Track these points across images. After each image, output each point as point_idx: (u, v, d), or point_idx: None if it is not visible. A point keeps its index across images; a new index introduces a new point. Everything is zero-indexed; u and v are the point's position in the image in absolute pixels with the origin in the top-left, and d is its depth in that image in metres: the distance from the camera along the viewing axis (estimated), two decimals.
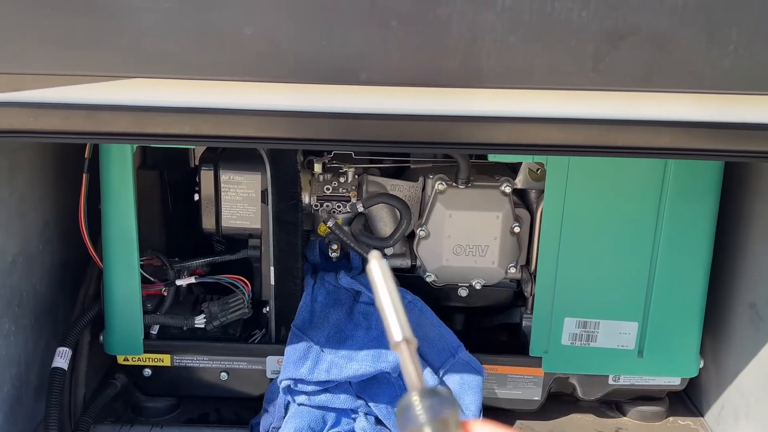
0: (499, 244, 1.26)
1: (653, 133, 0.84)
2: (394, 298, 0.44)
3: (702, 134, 0.84)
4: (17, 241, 1.18)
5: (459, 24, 0.77)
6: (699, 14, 0.76)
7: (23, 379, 1.21)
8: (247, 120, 0.83)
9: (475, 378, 1.24)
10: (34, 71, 0.81)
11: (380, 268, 0.44)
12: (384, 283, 0.44)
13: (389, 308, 0.44)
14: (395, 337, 0.43)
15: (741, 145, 0.85)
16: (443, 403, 0.41)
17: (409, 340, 0.43)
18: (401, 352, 0.43)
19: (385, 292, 0.44)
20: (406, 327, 0.43)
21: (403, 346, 0.43)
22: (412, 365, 0.43)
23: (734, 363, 1.27)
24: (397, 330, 0.43)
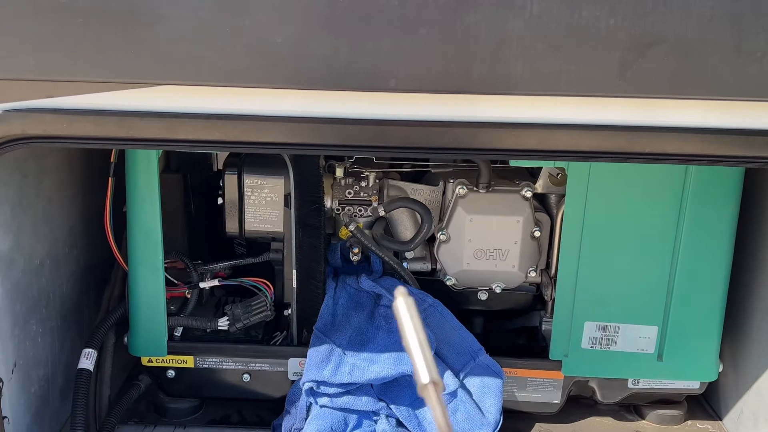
0: (519, 248, 1.26)
1: (680, 140, 0.84)
2: (421, 338, 0.43)
3: (728, 141, 0.84)
4: (44, 244, 1.19)
5: (488, 31, 0.77)
6: (726, 23, 0.76)
7: (50, 380, 1.22)
8: (272, 126, 0.84)
9: (495, 381, 1.24)
10: (67, 79, 0.82)
11: (406, 306, 0.44)
12: (411, 322, 0.43)
13: (416, 350, 0.43)
14: (422, 380, 0.43)
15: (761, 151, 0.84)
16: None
17: (437, 382, 0.43)
18: (428, 395, 0.43)
19: (412, 333, 0.43)
20: (434, 369, 0.43)
21: (430, 388, 0.43)
22: (440, 409, 0.42)
23: (753, 367, 1.26)
24: (424, 372, 0.43)
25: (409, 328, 0.43)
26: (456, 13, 0.77)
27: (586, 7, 0.76)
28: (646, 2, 0.76)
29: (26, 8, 0.77)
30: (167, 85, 0.82)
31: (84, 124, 0.84)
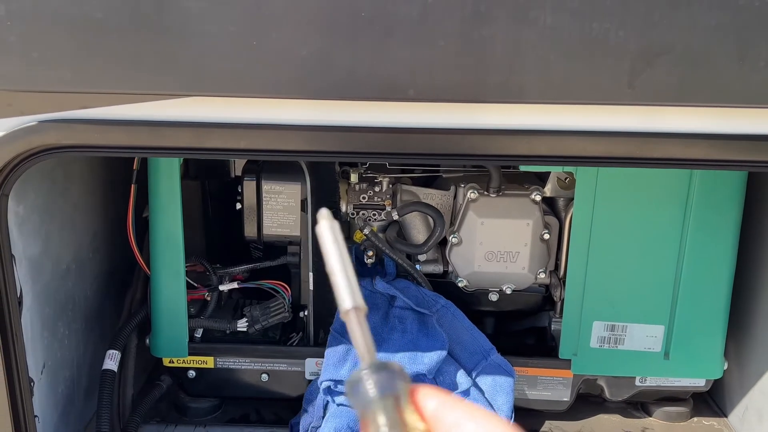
0: (529, 250, 1.29)
1: (686, 146, 0.87)
2: (345, 262, 0.40)
3: (732, 146, 0.87)
4: (70, 249, 1.22)
5: (502, 43, 0.80)
6: (731, 32, 0.79)
7: (75, 381, 1.25)
8: (299, 135, 0.87)
9: (507, 380, 1.26)
10: (100, 90, 0.85)
11: (330, 230, 0.41)
12: (335, 245, 0.40)
13: (340, 273, 0.40)
14: (345, 305, 0.40)
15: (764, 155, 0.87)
16: (393, 377, 0.39)
17: (360, 307, 0.40)
18: (350, 321, 0.40)
19: (335, 256, 0.40)
20: (357, 294, 0.40)
21: (352, 314, 0.40)
22: (362, 336, 0.39)
23: (757, 365, 1.29)
24: (346, 297, 0.40)
25: (332, 252, 0.40)
26: (473, 26, 0.80)
27: (596, 19, 0.79)
28: (654, 14, 0.79)
29: (62, 24, 0.80)
30: (195, 96, 0.85)
31: (116, 133, 0.87)
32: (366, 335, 0.40)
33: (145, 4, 0.79)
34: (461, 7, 0.79)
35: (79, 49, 0.81)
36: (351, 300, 0.40)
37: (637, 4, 0.78)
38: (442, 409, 0.39)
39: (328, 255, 0.41)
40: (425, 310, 1.30)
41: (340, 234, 0.41)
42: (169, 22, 0.80)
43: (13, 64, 0.82)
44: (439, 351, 1.24)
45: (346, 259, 0.40)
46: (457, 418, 0.38)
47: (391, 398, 0.38)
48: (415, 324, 1.29)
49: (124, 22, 0.80)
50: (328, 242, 0.41)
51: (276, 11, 0.79)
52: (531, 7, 0.78)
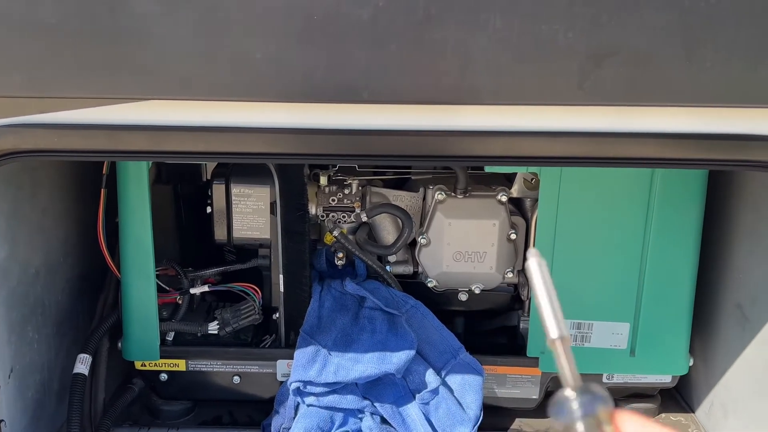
0: (496, 250, 1.30)
1: (638, 145, 0.87)
2: (552, 296, 0.44)
3: (684, 145, 0.88)
4: (39, 254, 1.22)
5: (454, 45, 0.80)
6: (677, 34, 0.80)
7: (46, 385, 1.24)
8: (255, 137, 0.87)
9: (476, 378, 1.27)
10: (57, 94, 0.84)
11: (539, 267, 0.45)
12: (542, 281, 0.44)
13: (546, 306, 0.44)
14: (551, 335, 0.44)
15: (719, 154, 0.88)
16: (597, 400, 0.41)
17: (565, 338, 0.44)
18: (556, 349, 0.43)
19: (543, 291, 0.44)
20: (563, 325, 0.44)
21: (558, 343, 0.43)
22: (567, 363, 0.43)
23: (722, 361, 1.30)
24: (553, 327, 0.44)
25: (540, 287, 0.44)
26: (425, 29, 0.80)
27: (545, 21, 0.79)
28: (602, 16, 0.79)
29: (17, 28, 0.80)
30: (153, 99, 0.85)
31: (74, 137, 0.87)
32: (571, 362, 0.43)
33: (100, 9, 0.79)
34: (412, 11, 0.79)
35: (35, 53, 0.81)
36: (558, 330, 0.44)
37: (585, 6, 0.79)
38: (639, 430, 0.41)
39: (536, 288, 0.45)
40: (394, 311, 1.30)
41: (547, 270, 0.45)
42: (124, 26, 0.80)
43: None
44: (407, 350, 1.24)
45: (552, 294, 0.44)
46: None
47: (593, 419, 0.41)
48: (384, 324, 1.29)
49: (79, 27, 0.80)
50: (536, 277, 0.45)
51: (230, 15, 0.79)
52: (481, 10, 0.79)
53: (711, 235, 1.29)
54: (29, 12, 0.79)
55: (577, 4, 0.79)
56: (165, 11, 0.79)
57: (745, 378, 1.23)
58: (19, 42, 0.81)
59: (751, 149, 0.87)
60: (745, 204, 1.24)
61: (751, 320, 1.21)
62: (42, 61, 0.81)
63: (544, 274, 0.45)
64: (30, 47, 0.81)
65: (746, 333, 1.22)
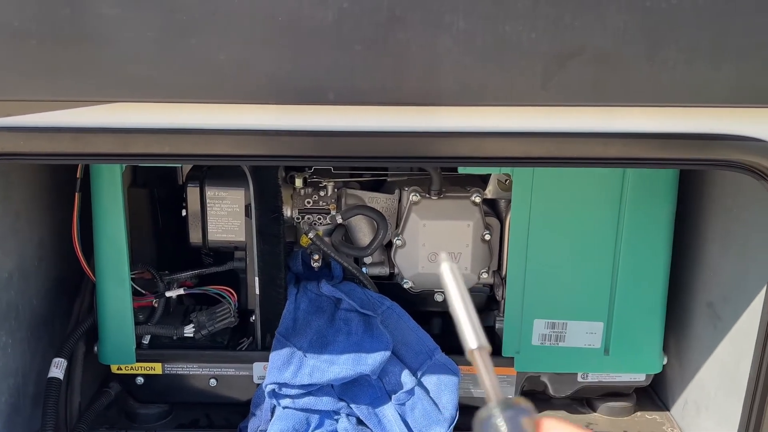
0: (471, 251, 1.29)
1: (603, 145, 0.87)
2: (467, 303, 0.42)
3: (648, 144, 0.88)
4: (13, 258, 1.20)
5: (419, 47, 0.80)
6: (639, 34, 0.80)
7: (21, 390, 1.23)
8: (223, 139, 0.86)
9: (452, 378, 1.26)
10: (22, 98, 0.83)
11: (451, 271, 0.42)
12: (456, 286, 0.42)
13: (463, 314, 0.42)
14: (470, 345, 0.41)
15: (684, 153, 0.88)
16: (520, 413, 0.40)
17: (483, 347, 0.41)
18: (475, 360, 0.41)
19: (458, 298, 0.42)
20: (481, 334, 0.41)
21: (477, 353, 0.41)
22: (487, 374, 0.41)
23: (695, 359, 1.30)
24: (471, 337, 0.41)
25: (455, 295, 0.42)
26: (389, 30, 0.79)
27: (509, 22, 0.79)
28: (564, 17, 0.79)
29: None
30: (118, 102, 0.84)
31: (40, 141, 0.86)
32: (491, 374, 0.41)
33: (62, 12, 0.78)
34: (377, 12, 0.79)
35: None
36: (476, 340, 0.41)
37: (548, 6, 0.79)
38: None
39: (451, 297, 0.43)
40: (370, 312, 1.29)
41: (460, 275, 0.43)
42: (87, 29, 0.79)
43: None
44: (383, 352, 1.23)
45: (468, 301, 0.42)
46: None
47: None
48: (360, 326, 1.28)
49: (43, 30, 0.79)
50: (450, 284, 0.42)
51: (193, 16, 0.78)
52: (445, 11, 0.78)
53: (683, 235, 1.29)
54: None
55: (540, 5, 0.79)
56: (128, 13, 0.78)
57: (717, 376, 1.23)
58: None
59: (714, 148, 0.88)
60: (716, 203, 1.24)
61: (723, 319, 1.21)
62: (5, 64, 0.80)
63: (457, 279, 0.43)
64: None
65: (718, 331, 1.22)
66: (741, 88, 0.83)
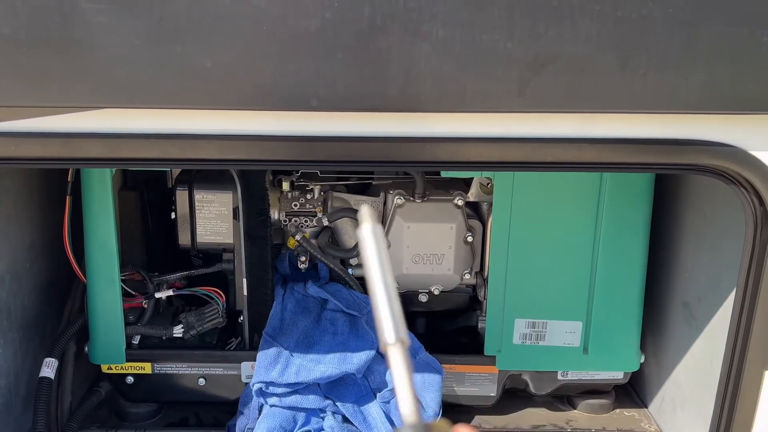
0: (453, 252, 1.31)
1: (578, 149, 0.89)
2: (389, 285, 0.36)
3: (621, 149, 0.89)
4: (5, 260, 1.21)
5: (398, 54, 0.81)
6: (611, 43, 0.81)
7: (12, 390, 1.23)
8: (210, 144, 0.87)
9: (435, 377, 1.28)
10: (13, 104, 0.84)
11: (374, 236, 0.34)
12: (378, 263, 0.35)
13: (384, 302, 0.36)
14: (388, 339, 0.36)
15: (656, 158, 0.90)
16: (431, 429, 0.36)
17: (404, 341, 0.36)
18: (393, 355, 0.36)
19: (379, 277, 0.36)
20: (401, 325, 0.35)
21: (393, 349, 0.36)
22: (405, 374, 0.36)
23: (672, 358, 1.32)
24: (390, 330, 0.36)
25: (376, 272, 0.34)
26: (370, 39, 0.81)
27: (486, 31, 0.81)
28: (539, 26, 0.81)
29: None
30: (107, 108, 0.85)
31: (31, 146, 0.87)
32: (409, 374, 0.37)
33: (53, 19, 0.79)
34: (358, 21, 0.80)
35: None
36: (394, 333, 0.36)
37: (523, 16, 0.80)
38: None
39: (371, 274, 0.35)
40: (355, 312, 1.31)
41: (383, 239, 0.35)
42: (77, 36, 0.80)
43: None
44: (368, 351, 1.25)
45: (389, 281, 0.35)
46: None
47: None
48: (346, 326, 1.30)
49: (33, 37, 0.80)
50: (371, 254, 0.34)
51: (179, 24, 0.79)
52: (423, 20, 0.80)
53: (659, 237, 1.31)
54: None
55: (515, 14, 0.80)
56: (115, 21, 0.79)
57: (692, 373, 1.26)
58: None
59: (684, 153, 0.90)
60: (691, 207, 1.26)
61: (698, 318, 1.23)
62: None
63: (379, 246, 0.36)
64: None
65: (693, 330, 1.25)
66: (710, 95, 0.85)
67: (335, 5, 0.79)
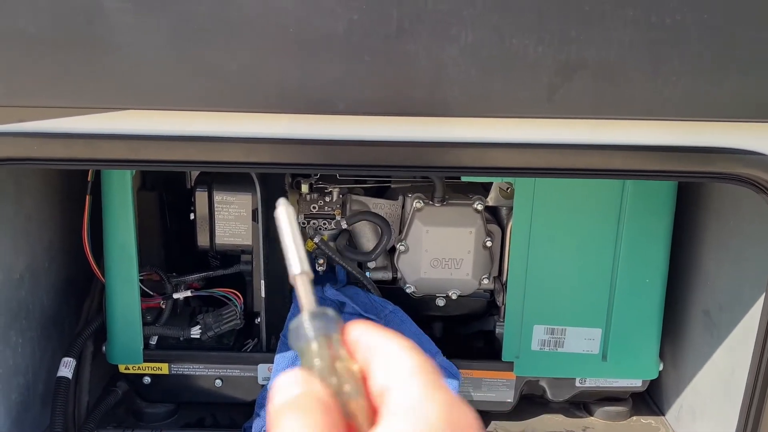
0: (472, 257, 1.28)
1: (606, 157, 0.86)
2: (296, 237, 0.46)
3: (650, 157, 0.87)
4: (24, 259, 1.19)
5: (426, 59, 0.79)
6: (644, 49, 0.79)
7: (30, 388, 1.22)
8: (232, 146, 0.85)
9: (452, 382, 1.26)
10: (37, 104, 0.83)
11: (286, 214, 0.46)
12: (289, 225, 0.46)
13: (291, 245, 0.46)
14: (294, 270, 0.45)
15: (685, 166, 0.87)
16: (330, 322, 0.43)
17: (306, 272, 0.45)
18: (296, 284, 0.45)
19: (288, 233, 0.46)
20: (305, 262, 0.45)
21: (299, 278, 0.45)
22: (305, 294, 0.45)
23: (691, 366, 1.29)
24: (296, 264, 0.45)
25: (286, 230, 0.46)
26: (398, 42, 0.79)
27: (515, 35, 0.78)
28: (570, 31, 0.78)
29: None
30: (130, 110, 0.83)
31: (54, 146, 0.85)
32: (308, 294, 0.45)
33: (78, 20, 0.77)
34: (386, 24, 0.78)
35: (13, 63, 0.79)
36: (299, 266, 0.45)
37: (553, 20, 0.78)
38: (362, 335, 0.43)
39: (282, 231, 0.46)
40: (373, 316, 1.29)
41: (295, 217, 0.47)
42: (101, 37, 0.78)
43: None
44: None
45: (297, 235, 0.46)
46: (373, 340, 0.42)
47: (325, 338, 0.42)
48: None
49: (58, 37, 0.78)
50: (284, 222, 0.46)
51: (205, 26, 0.77)
52: (452, 24, 0.78)
53: (680, 245, 1.28)
54: (6, 21, 0.78)
55: (546, 18, 0.78)
56: (140, 22, 0.77)
57: (712, 382, 1.23)
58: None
59: (715, 161, 0.87)
60: (713, 215, 1.23)
61: (718, 326, 1.20)
62: (19, 70, 0.80)
63: (291, 219, 0.46)
64: (7, 57, 0.79)
65: (714, 339, 1.22)
66: (742, 102, 0.82)
67: (363, 7, 0.77)
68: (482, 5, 0.77)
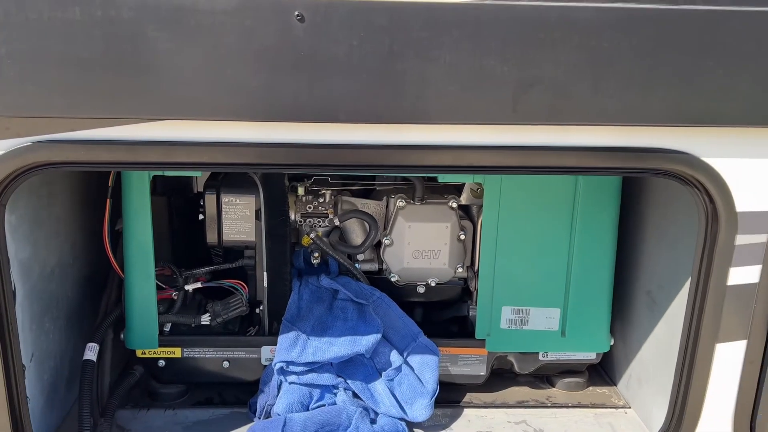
0: (448, 249, 1.43)
1: (559, 156, 1.01)
2: None
3: (596, 156, 1.02)
4: (54, 256, 1.30)
5: (413, 75, 0.93)
6: (587, 68, 0.94)
7: (58, 370, 1.32)
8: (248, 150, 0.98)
9: (433, 358, 1.39)
10: (85, 115, 0.95)
11: None
12: None
13: None
14: None
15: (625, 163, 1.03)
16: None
17: None
18: None
19: None
20: None
21: None
22: None
23: (636, 339, 1.44)
24: None
25: None
26: (389, 63, 0.93)
27: (485, 57, 0.93)
28: (529, 54, 0.93)
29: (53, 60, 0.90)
30: (164, 120, 0.96)
31: (99, 151, 0.97)
32: None
33: (123, 45, 0.90)
34: (379, 48, 0.92)
35: (67, 81, 0.91)
36: None
37: (515, 46, 0.93)
38: None
39: None
40: (363, 301, 1.42)
41: None
42: (143, 58, 0.90)
43: (10, 94, 0.91)
44: (375, 334, 1.35)
45: None
46: None
47: None
48: (354, 313, 1.40)
49: (105, 59, 0.90)
50: None
51: (231, 49, 0.91)
52: (433, 47, 0.92)
53: (625, 233, 1.44)
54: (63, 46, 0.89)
55: (509, 44, 0.93)
56: (176, 46, 0.90)
57: (654, 353, 1.38)
58: (54, 71, 0.91)
59: (648, 159, 1.02)
60: (653, 206, 1.39)
61: (659, 304, 1.36)
62: (72, 87, 0.92)
63: None
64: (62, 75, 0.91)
65: (655, 315, 1.37)
66: (667, 111, 0.98)
67: (361, 35, 0.91)
68: (458, 33, 0.91)
